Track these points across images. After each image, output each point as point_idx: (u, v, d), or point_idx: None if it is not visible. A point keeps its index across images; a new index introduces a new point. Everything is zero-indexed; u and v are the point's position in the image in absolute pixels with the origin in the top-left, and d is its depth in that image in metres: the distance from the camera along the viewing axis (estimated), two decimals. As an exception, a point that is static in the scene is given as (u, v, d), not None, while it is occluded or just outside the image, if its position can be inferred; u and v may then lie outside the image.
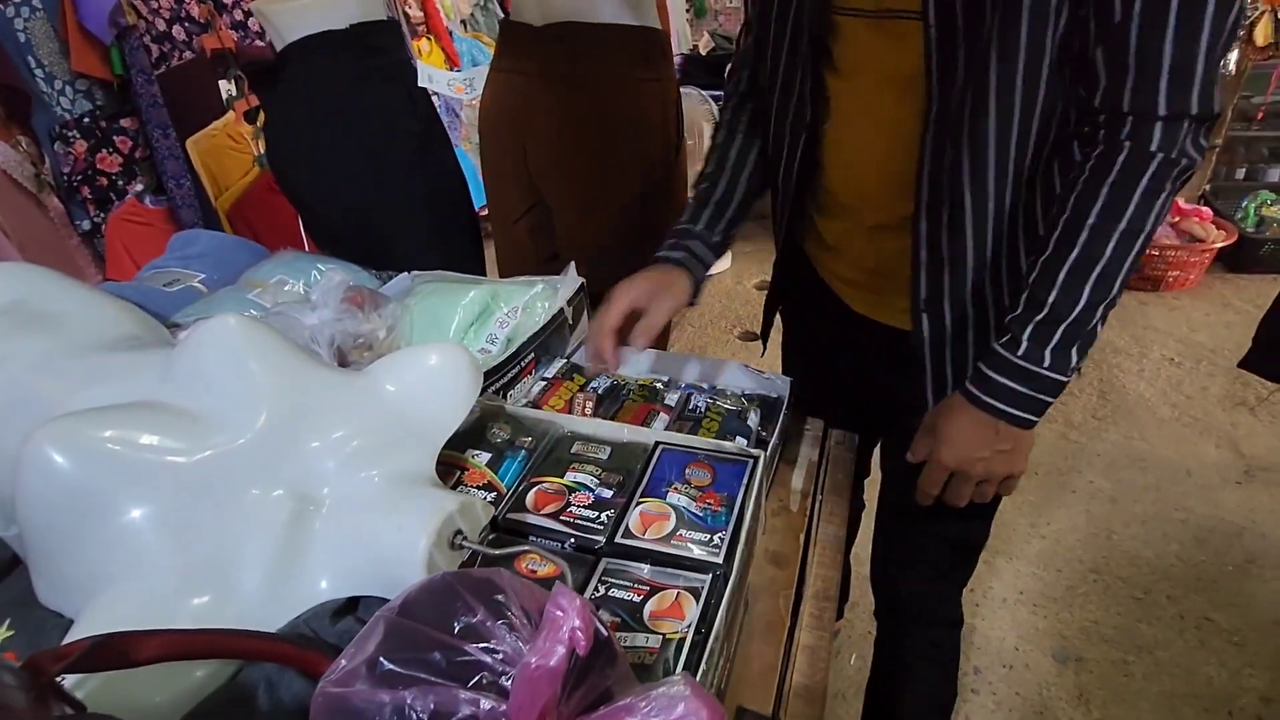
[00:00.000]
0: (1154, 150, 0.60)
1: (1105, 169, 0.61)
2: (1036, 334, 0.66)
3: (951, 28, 0.63)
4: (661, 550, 0.57)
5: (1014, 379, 0.67)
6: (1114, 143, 0.61)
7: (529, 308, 0.92)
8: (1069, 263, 0.63)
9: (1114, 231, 0.62)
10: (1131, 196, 0.61)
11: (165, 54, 1.96)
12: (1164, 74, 0.57)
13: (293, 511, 0.53)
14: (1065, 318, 0.64)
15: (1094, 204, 0.62)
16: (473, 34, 3.50)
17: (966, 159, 0.67)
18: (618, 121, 1.07)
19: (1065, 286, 0.64)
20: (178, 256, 1.05)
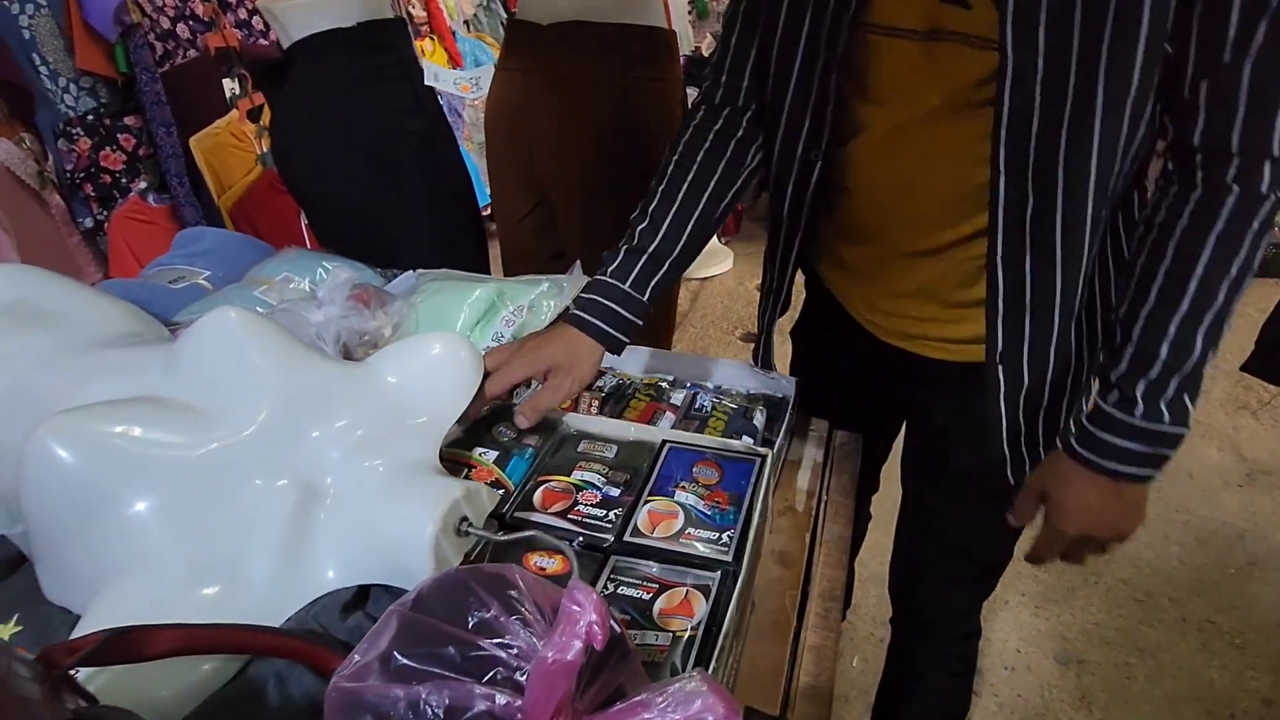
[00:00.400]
0: (1265, 193, 0.56)
1: (1211, 215, 0.57)
2: (1151, 390, 0.61)
3: (1032, 62, 0.55)
4: (670, 549, 0.57)
5: (1134, 440, 0.63)
6: (1219, 184, 0.57)
7: (535, 306, 0.92)
8: (1180, 314, 0.59)
9: (1225, 278, 0.58)
10: (1243, 242, 0.57)
11: (169, 52, 1.96)
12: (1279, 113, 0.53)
13: (298, 501, 0.53)
14: (1180, 369, 0.60)
15: (1202, 251, 0.58)
16: (475, 34, 3.51)
17: (1060, 207, 0.60)
18: (623, 120, 1.07)
19: (1178, 339, 0.60)
20: (183, 254, 1.05)
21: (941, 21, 0.59)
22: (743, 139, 0.78)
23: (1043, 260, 0.63)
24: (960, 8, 0.57)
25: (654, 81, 1.08)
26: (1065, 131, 0.57)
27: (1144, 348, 0.61)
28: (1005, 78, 0.56)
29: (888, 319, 0.80)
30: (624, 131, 1.07)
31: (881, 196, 0.72)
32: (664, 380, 0.87)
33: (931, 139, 0.65)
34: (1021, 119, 0.57)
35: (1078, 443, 0.65)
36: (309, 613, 0.49)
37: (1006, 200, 0.61)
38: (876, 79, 0.65)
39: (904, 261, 0.74)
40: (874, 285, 0.79)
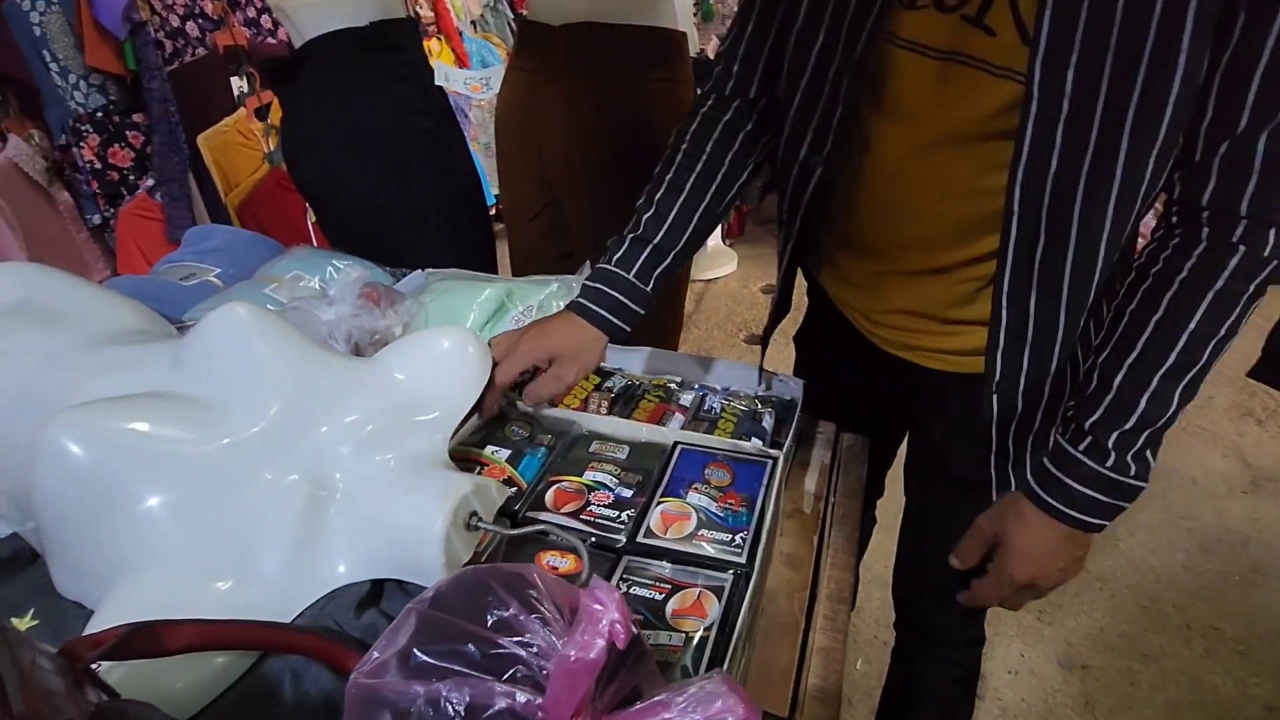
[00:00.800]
0: (1268, 256, 0.55)
1: (1213, 273, 0.57)
2: (1122, 442, 0.61)
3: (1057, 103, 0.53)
4: (684, 550, 0.58)
5: (1099, 488, 0.62)
6: (1225, 242, 0.56)
7: (544, 306, 0.93)
8: (1164, 370, 0.59)
9: (1213, 338, 0.58)
10: (1238, 303, 0.57)
11: (178, 50, 1.97)
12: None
13: (308, 496, 0.53)
14: (1153, 424, 0.60)
15: (1198, 308, 0.57)
16: (482, 35, 3.51)
17: (1073, 248, 0.59)
18: (634, 122, 1.07)
19: (1157, 393, 0.59)
20: (193, 251, 1.06)
21: (963, 44, 0.57)
22: (751, 132, 0.76)
23: (1048, 298, 0.62)
24: (984, 33, 0.56)
25: (665, 82, 1.08)
26: (1085, 177, 0.55)
27: (1123, 398, 0.60)
28: (1029, 116, 0.54)
29: (886, 330, 0.79)
30: (634, 132, 1.07)
31: (886, 217, 0.70)
32: (672, 381, 0.88)
33: (942, 166, 0.63)
34: (1041, 159, 0.56)
35: (1040, 487, 0.65)
36: (323, 609, 0.50)
37: (1018, 238, 0.59)
38: (890, 93, 0.63)
39: (903, 279, 0.73)
40: (872, 298, 0.79)
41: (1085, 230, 0.58)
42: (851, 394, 0.91)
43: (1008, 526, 0.69)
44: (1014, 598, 0.73)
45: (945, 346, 0.74)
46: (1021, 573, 0.69)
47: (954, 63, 0.58)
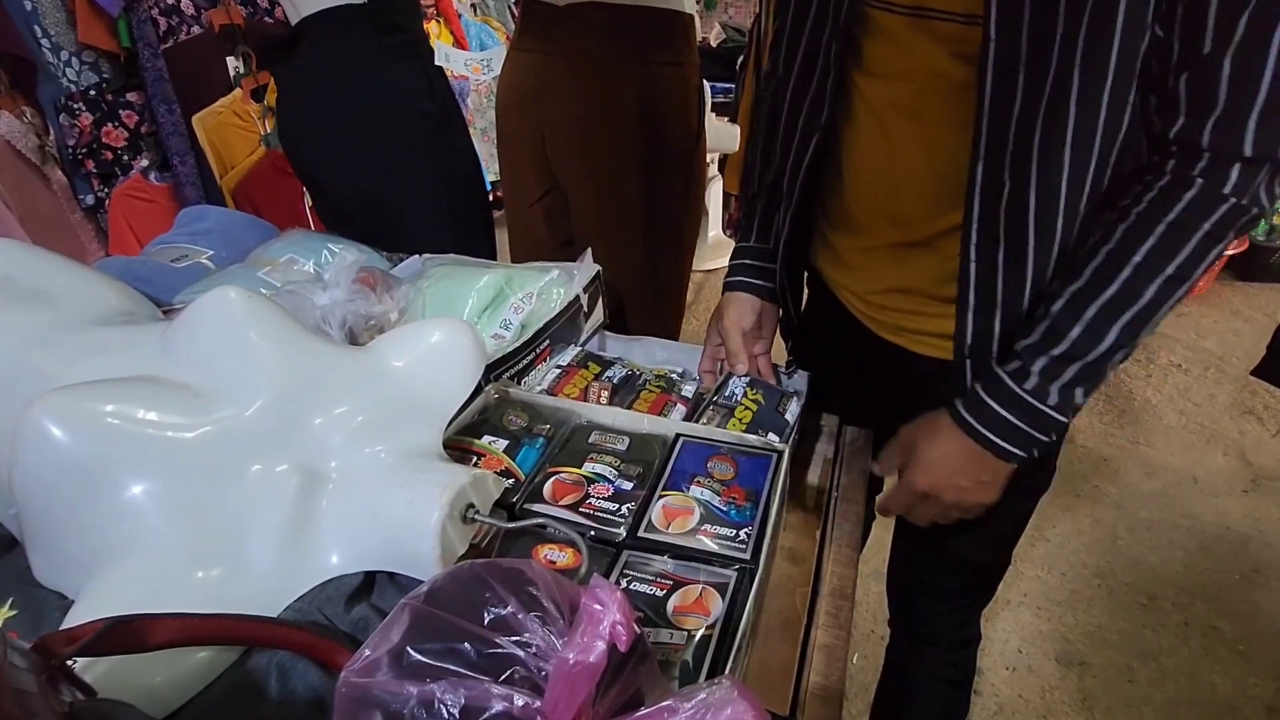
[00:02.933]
0: (1227, 193, 0.53)
1: (1167, 204, 0.55)
2: (1049, 369, 0.60)
3: (1015, 43, 0.54)
4: (686, 545, 0.56)
5: (1014, 411, 0.62)
6: (1183, 177, 0.55)
7: (544, 294, 0.91)
8: (1103, 299, 0.58)
9: (1161, 273, 0.56)
10: (1190, 238, 0.55)
11: (173, 27, 1.93)
12: (1255, 112, 0.51)
13: (299, 486, 0.52)
14: (1084, 356, 0.59)
15: (1146, 240, 0.56)
16: (482, 18, 3.46)
17: (1034, 197, 0.58)
18: (639, 106, 1.05)
19: (1093, 324, 0.58)
20: (186, 232, 1.03)
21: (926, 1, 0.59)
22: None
23: (1014, 252, 0.61)
24: None
25: (670, 66, 1.05)
26: (1041, 119, 0.55)
27: (1057, 324, 0.60)
28: (988, 58, 0.55)
29: (879, 311, 0.79)
30: (639, 117, 1.05)
31: (873, 185, 0.71)
32: (674, 372, 0.86)
33: (919, 120, 0.64)
34: (1004, 103, 0.56)
35: (961, 402, 0.65)
36: (312, 602, 0.48)
37: (983, 186, 0.59)
38: (872, 56, 0.65)
39: (890, 253, 0.73)
40: (863, 277, 0.79)
41: (1045, 176, 0.57)
42: (848, 386, 0.90)
43: (921, 436, 0.69)
44: (918, 508, 0.72)
45: (936, 329, 0.73)
46: (922, 480, 0.69)
47: (920, 17, 0.59)
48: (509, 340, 0.84)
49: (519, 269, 0.94)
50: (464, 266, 0.94)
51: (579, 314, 0.92)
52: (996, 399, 0.63)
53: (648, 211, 1.12)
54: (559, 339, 0.89)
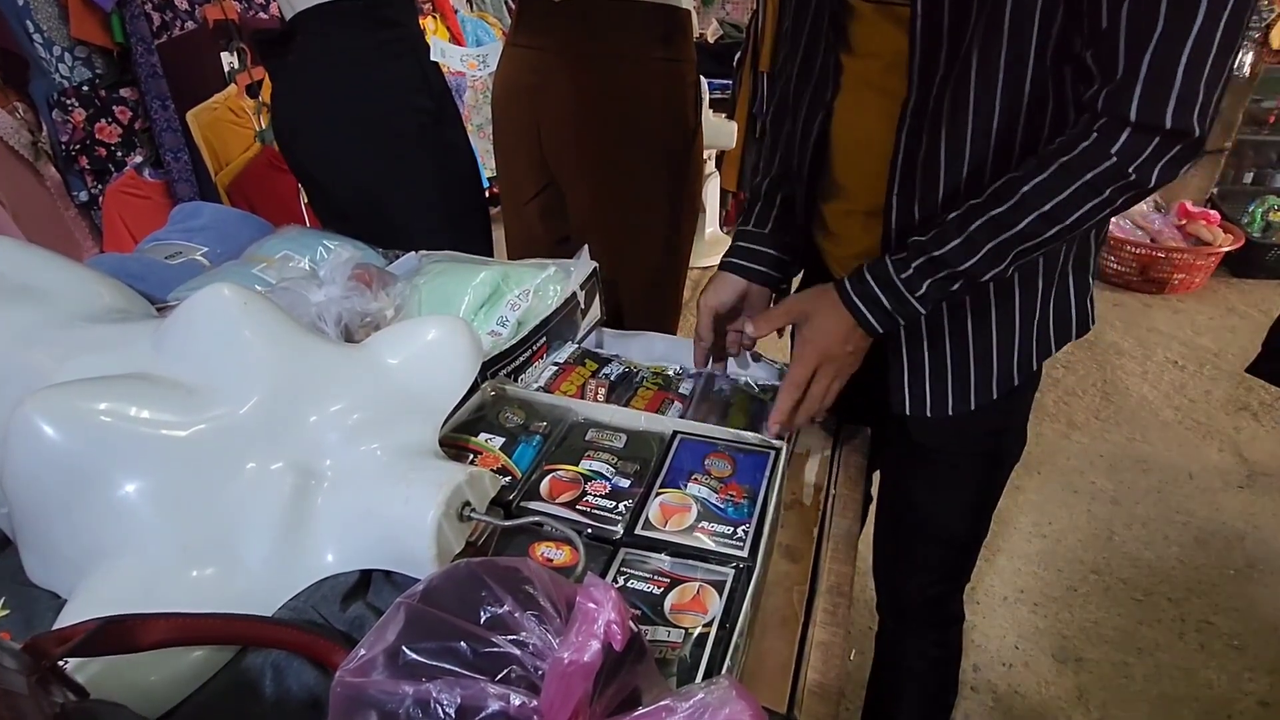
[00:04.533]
0: (1112, 152, 0.58)
1: (1065, 150, 0.60)
2: (926, 266, 0.66)
3: (937, 20, 0.62)
4: (683, 543, 0.56)
5: (886, 293, 0.68)
6: (1084, 131, 0.60)
7: (541, 291, 0.90)
8: (986, 217, 0.63)
9: (1040, 208, 0.61)
10: (1072, 184, 0.60)
11: (167, 23, 1.92)
12: (1138, 83, 0.55)
13: (294, 484, 0.51)
14: (956, 265, 0.65)
15: (1038, 175, 0.61)
16: (478, 13, 3.45)
17: (944, 153, 0.67)
18: (635, 102, 1.04)
19: (971, 238, 0.64)
20: (180, 229, 1.03)
21: None
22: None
23: (926, 199, 0.69)
24: None
25: (668, 62, 1.05)
26: (953, 80, 0.63)
27: (945, 230, 0.65)
28: (915, 31, 0.63)
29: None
30: (636, 112, 1.04)
31: (850, 153, 0.78)
32: (672, 369, 0.86)
33: (885, 93, 0.70)
34: (927, 70, 0.64)
35: (848, 278, 0.71)
36: (307, 601, 0.48)
37: (907, 141, 0.68)
38: (854, 38, 0.73)
39: (864, 219, 0.78)
40: (842, 241, 0.84)
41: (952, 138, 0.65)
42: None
43: (813, 304, 0.74)
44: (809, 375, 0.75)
45: None
46: (812, 350, 0.73)
47: (883, 4, 0.68)
48: (505, 337, 0.84)
49: (516, 266, 0.94)
50: (460, 263, 0.94)
51: (576, 311, 0.92)
52: (876, 279, 0.69)
53: (644, 208, 1.12)
54: (556, 336, 0.89)
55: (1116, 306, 2.87)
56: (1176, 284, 2.91)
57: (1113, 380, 2.42)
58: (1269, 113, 3.02)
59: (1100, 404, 2.31)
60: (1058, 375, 2.43)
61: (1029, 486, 1.98)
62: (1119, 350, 2.58)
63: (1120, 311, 2.83)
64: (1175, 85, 0.54)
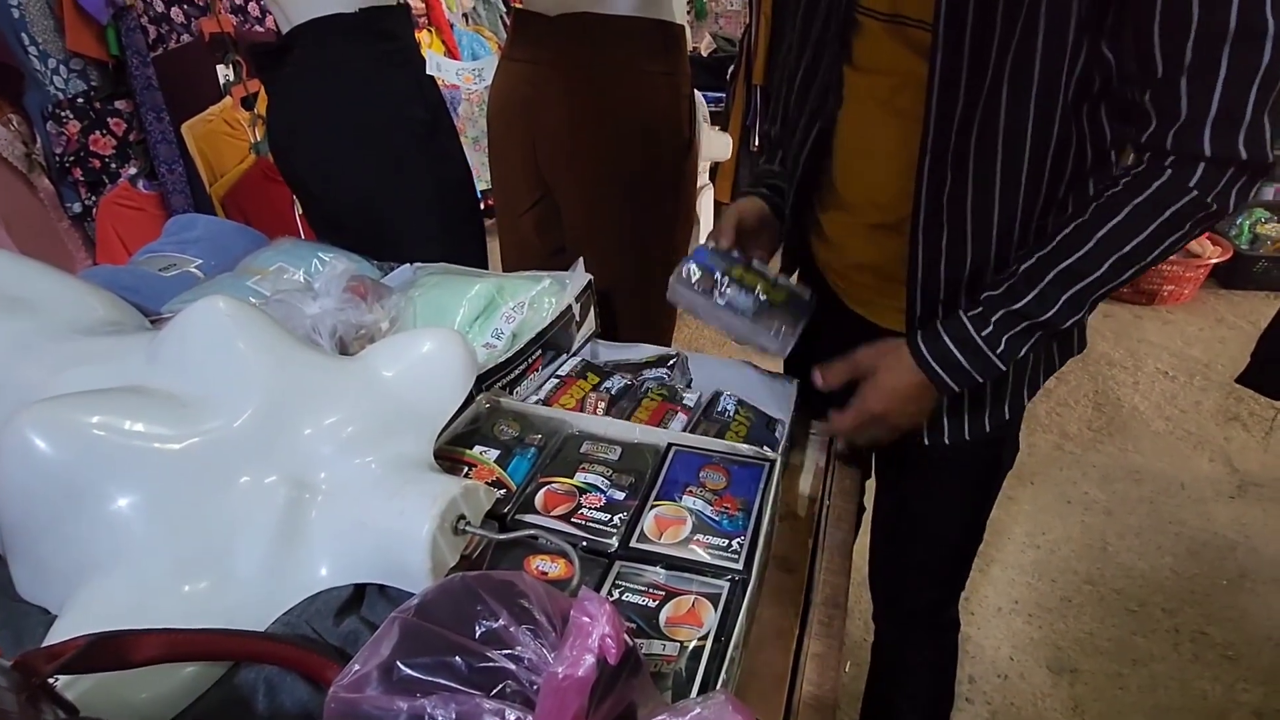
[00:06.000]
0: (1191, 186, 0.58)
1: (1138, 188, 0.60)
2: (1004, 320, 0.66)
3: (959, 52, 0.62)
4: (679, 555, 0.56)
5: (965, 353, 0.68)
6: (1156, 168, 0.60)
7: (535, 303, 0.90)
8: (1061, 267, 0.63)
9: (1118, 251, 0.61)
10: (1151, 222, 0.60)
11: (163, 36, 1.92)
12: (1208, 121, 0.56)
13: (288, 498, 0.51)
14: (1034, 318, 0.65)
15: (1113, 218, 0.61)
16: (474, 27, 3.47)
17: (971, 193, 0.67)
18: (630, 115, 1.05)
19: (1047, 289, 0.64)
20: (174, 241, 1.03)
21: (899, 7, 0.68)
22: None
23: (955, 237, 0.69)
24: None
25: (663, 75, 1.06)
26: (978, 121, 0.63)
27: (1017, 285, 0.65)
28: (935, 63, 0.63)
29: (851, 285, 0.87)
30: (630, 125, 1.05)
31: (854, 166, 0.79)
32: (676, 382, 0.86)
33: (894, 111, 0.72)
34: (947, 105, 0.64)
35: (922, 337, 0.70)
36: (301, 616, 0.47)
37: (929, 178, 0.68)
38: (859, 53, 0.74)
39: (868, 233, 0.79)
40: (842, 253, 0.85)
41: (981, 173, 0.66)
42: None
43: (880, 361, 0.73)
44: (863, 427, 0.76)
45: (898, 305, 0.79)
46: (878, 404, 0.73)
47: (895, 23, 0.68)
48: (500, 350, 0.84)
49: (511, 278, 0.94)
50: (455, 276, 0.94)
51: (571, 323, 0.92)
52: (954, 339, 0.68)
53: (640, 220, 1.12)
54: (551, 348, 0.89)
55: (1108, 318, 2.89)
56: (1166, 295, 2.93)
57: (1104, 391, 2.43)
58: (1255, 126, 3.06)
59: (1092, 415, 2.32)
60: (1050, 386, 2.44)
61: (1023, 497, 1.99)
62: (1110, 361, 2.60)
63: (1111, 323, 2.85)
64: (1245, 120, 0.56)
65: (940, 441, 0.83)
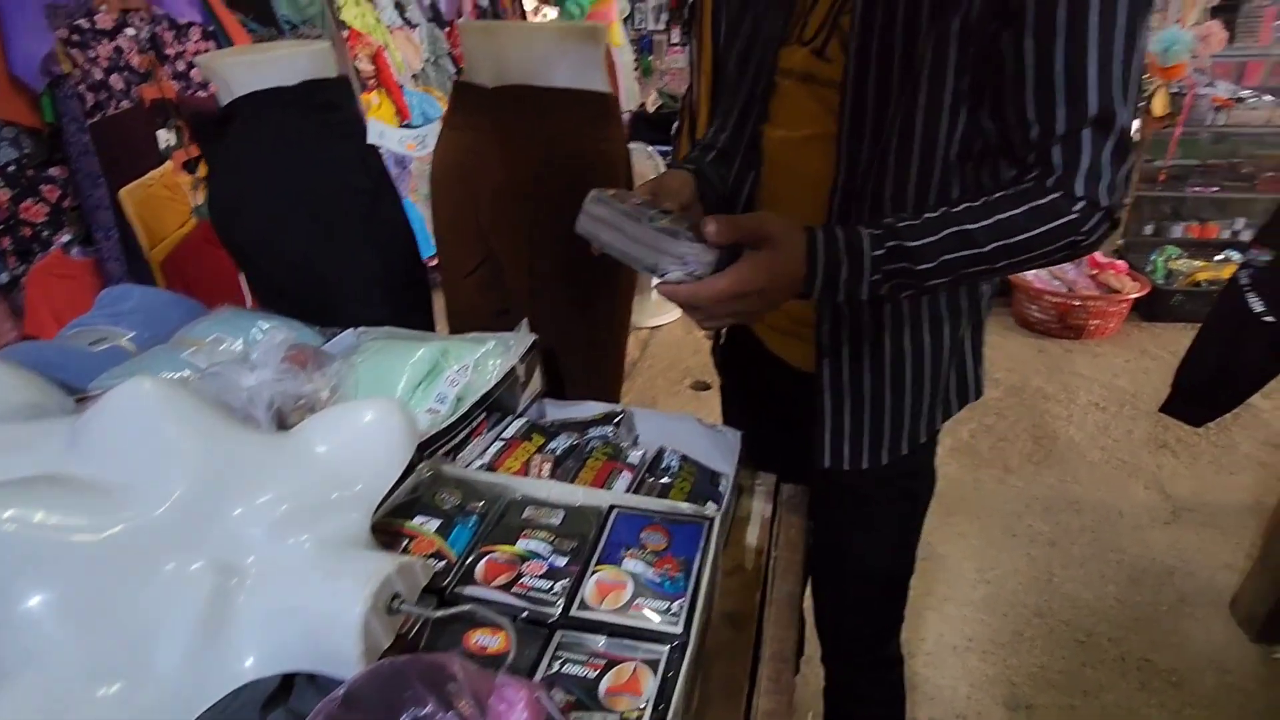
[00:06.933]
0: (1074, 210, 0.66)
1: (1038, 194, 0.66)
2: (892, 253, 0.67)
3: (862, 106, 0.72)
4: (619, 622, 0.56)
5: (850, 264, 0.67)
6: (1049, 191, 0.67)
7: (480, 366, 0.91)
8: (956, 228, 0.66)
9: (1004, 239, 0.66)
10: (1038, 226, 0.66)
11: (101, 102, 1.90)
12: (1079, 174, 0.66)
13: (214, 585, 0.50)
14: (915, 264, 0.67)
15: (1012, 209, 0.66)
16: (424, 88, 3.53)
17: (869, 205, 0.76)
18: (569, 180, 1.08)
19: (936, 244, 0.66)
20: (107, 313, 1.00)
21: (813, 69, 0.77)
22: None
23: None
24: (824, 60, 0.76)
25: (599, 142, 1.10)
26: (876, 170, 0.73)
27: (921, 226, 0.67)
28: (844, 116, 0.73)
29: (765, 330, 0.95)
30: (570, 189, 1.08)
31: (764, 206, 0.87)
32: (622, 441, 0.86)
33: (805, 159, 0.80)
34: (855, 152, 0.74)
35: (823, 233, 0.68)
36: (224, 712, 0.46)
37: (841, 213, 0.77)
38: (775, 111, 0.84)
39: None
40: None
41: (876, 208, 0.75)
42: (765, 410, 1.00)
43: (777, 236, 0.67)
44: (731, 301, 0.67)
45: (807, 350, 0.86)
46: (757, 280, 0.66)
47: (808, 84, 0.78)
48: (444, 414, 0.84)
49: (455, 340, 0.95)
50: (398, 340, 0.94)
51: (516, 384, 0.93)
52: (848, 247, 0.67)
53: (583, 280, 1.15)
54: (497, 410, 0.89)
55: (1041, 353, 3.02)
56: (1093, 330, 3.09)
57: (1041, 424, 2.53)
58: (1159, 171, 3.30)
59: (1032, 448, 2.41)
60: (990, 422, 2.53)
61: (971, 532, 2.03)
62: (1045, 395, 2.71)
63: (1044, 358, 2.98)
64: (1104, 178, 0.65)
65: (840, 468, 0.88)
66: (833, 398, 0.86)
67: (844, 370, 0.85)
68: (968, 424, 2.49)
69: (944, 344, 0.84)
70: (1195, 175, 3.33)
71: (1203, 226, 3.38)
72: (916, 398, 0.86)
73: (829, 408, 0.87)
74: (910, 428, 0.87)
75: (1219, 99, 3.08)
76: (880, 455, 0.87)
